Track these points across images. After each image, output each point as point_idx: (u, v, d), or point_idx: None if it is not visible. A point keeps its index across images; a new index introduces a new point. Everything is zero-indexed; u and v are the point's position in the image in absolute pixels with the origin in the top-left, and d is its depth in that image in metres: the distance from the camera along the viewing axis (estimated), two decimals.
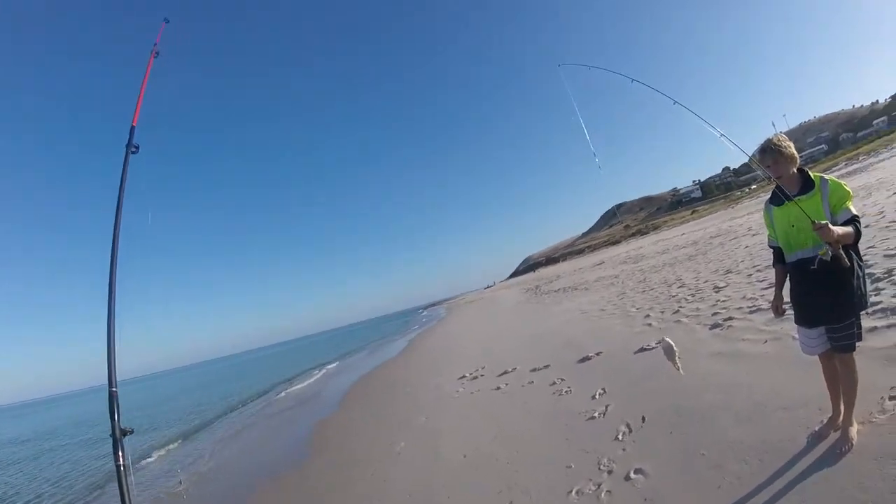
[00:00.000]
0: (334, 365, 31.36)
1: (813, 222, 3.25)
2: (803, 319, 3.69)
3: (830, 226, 3.21)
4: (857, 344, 3.52)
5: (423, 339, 29.93)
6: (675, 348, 4.62)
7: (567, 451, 5.33)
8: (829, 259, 3.29)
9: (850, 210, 3.39)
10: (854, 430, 3.60)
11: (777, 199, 3.71)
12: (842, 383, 3.68)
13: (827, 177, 3.52)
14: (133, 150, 3.20)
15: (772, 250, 3.98)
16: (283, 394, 21.66)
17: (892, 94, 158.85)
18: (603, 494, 4.17)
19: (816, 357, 3.80)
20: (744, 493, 3.51)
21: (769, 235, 3.95)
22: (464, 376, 11.40)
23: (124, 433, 2.49)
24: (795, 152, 3.59)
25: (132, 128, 3.24)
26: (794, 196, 3.48)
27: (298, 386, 23.21)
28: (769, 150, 3.58)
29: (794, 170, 3.60)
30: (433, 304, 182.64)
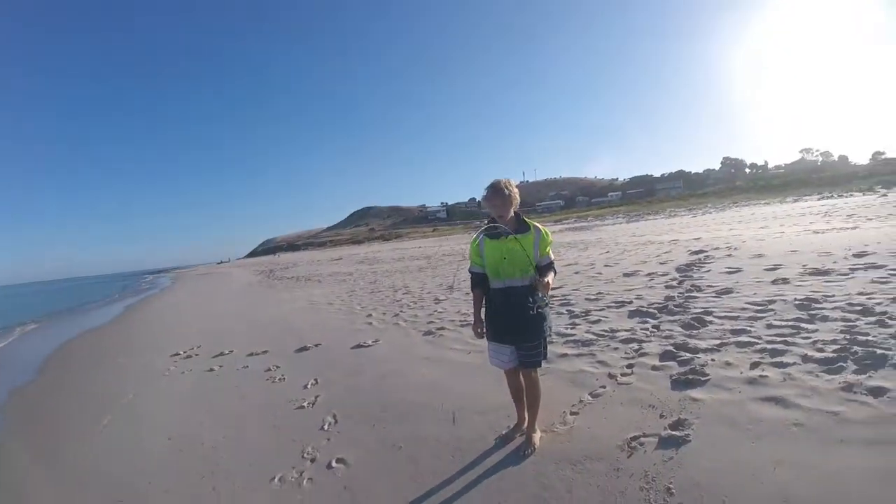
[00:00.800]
0: (35, 326, 27.67)
1: (540, 280, 3.87)
2: (498, 336, 4.22)
3: (548, 281, 3.93)
4: (543, 362, 4.29)
5: (141, 307, 27.62)
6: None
7: (274, 438, 5.48)
8: (545, 305, 3.96)
9: (550, 256, 4.09)
10: (537, 436, 4.32)
11: (492, 232, 4.08)
12: (527, 395, 4.36)
13: (539, 225, 4.08)
14: None
15: (472, 275, 4.42)
16: None
17: (630, 176, 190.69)
18: (305, 482, 4.38)
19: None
20: (436, 485, 3.98)
21: (473, 262, 4.35)
22: (177, 354, 10.87)
23: None
24: (518, 197, 4.09)
25: None
26: (511, 233, 3.94)
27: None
28: (499, 192, 3.97)
29: (513, 212, 4.09)
30: (160, 271, 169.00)
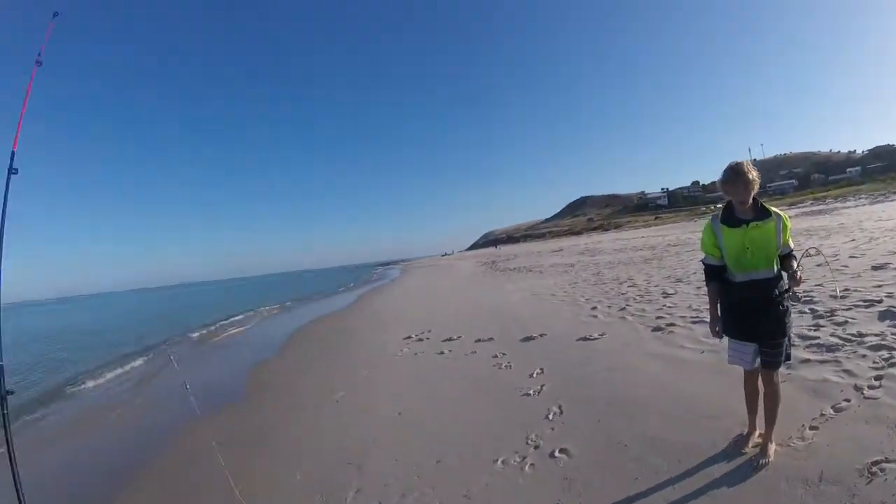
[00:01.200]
0: (283, 307, 31.26)
1: (794, 270, 3.60)
2: (742, 333, 3.85)
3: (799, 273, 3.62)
4: (785, 363, 3.86)
5: (374, 296, 29.94)
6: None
7: (500, 422, 5.51)
8: (798, 298, 3.60)
9: (791, 244, 3.75)
10: (772, 448, 3.80)
11: (730, 220, 3.78)
12: (766, 399, 3.88)
13: (778, 210, 3.75)
14: (14, 172, 3.04)
15: (707, 268, 4.05)
16: (226, 331, 21.41)
17: (871, 147, 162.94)
18: (527, 467, 4.33)
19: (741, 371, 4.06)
20: (658, 488, 3.69)
21: (708, 254, 3.99)
22: (409, 337, 11.55)
23: (9, 392, 2.79)
24: (758, 181, 3.73)
25: (13, 153, 3.06)
26: (750, 220, 3.66)
27: (243, 325, 23.00)
28: (741, 175, 3.65)
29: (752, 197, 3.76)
30: (389, 263, 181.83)
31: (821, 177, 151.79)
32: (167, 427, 7.79)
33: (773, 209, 3.74)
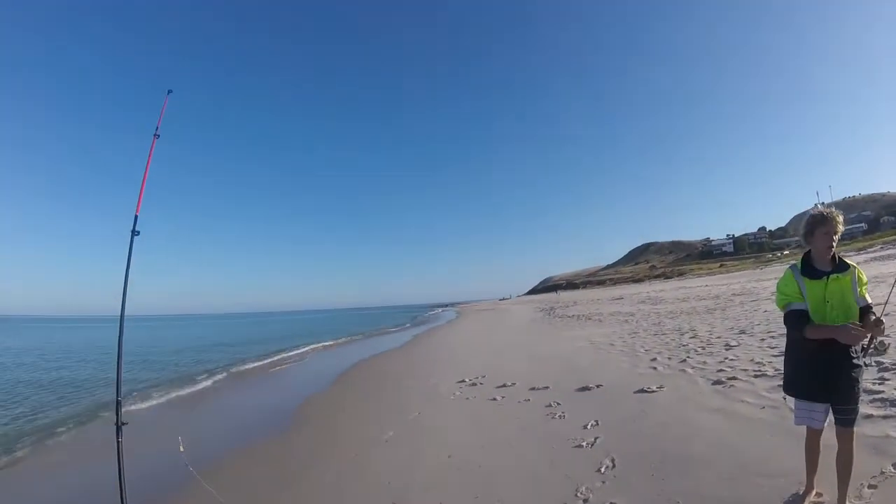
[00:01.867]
0: (338, 342, 31.63)
1: (879, 323, 3.39)
2: (814, 394, 3.63)
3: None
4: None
5: (428, 337, 30.07)
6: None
7: (549, 472, 5.40)
8: (883, 350, 3.60)
9: (867, 297, 3.55)
10: None
11: (811, 271, 3.60)
12: (840, 458, 3.66)
13: (852, 262, 3.60)
14: (136, 234, 3.39)
15: (793, 314, 3.66)
16: (284, 363, 21.78)
17: None
18: None
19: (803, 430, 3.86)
20: None
21: (791, 299, 3.67)
22: (463, 381, 11.50)
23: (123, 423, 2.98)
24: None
25: (136, 217, 3.39)
26: (830, 272, 3.51)
27: (301, 359, 23.37)
28: (831, 224, 3.53)
29: None
30: (445, 306, 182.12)
31: (891, 219, 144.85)
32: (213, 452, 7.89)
33: (849, 261, 3.61)
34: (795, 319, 3.64)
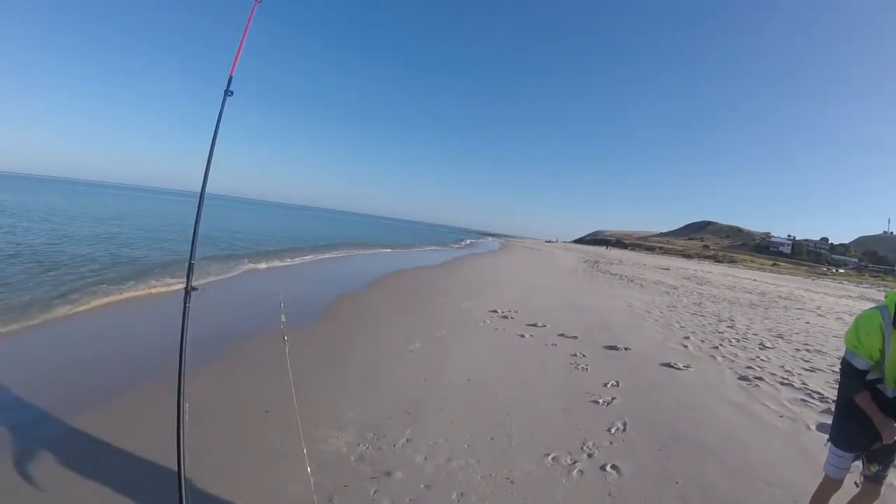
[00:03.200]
0: (386, 250, 32.21)
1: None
2: (859, 447, 3.21)
3: None
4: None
5: (470, 261, 30.29)
6: None
7: (561, 419, 5.50)
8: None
9: None
10: None
11: None
12: None
13: None
14: (229, 94, 3.36)
15: (849, 369, 3.18)
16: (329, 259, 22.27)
17: None
18: (575, 472, 4.31)
19: (822, 470, 3.44)
20: None
21: (860, 354, 3.10)
22: (495, 311, 11.63)
23: (193, 288, 3.04)
24: None
25: (230, 77, 3.38)
26: None
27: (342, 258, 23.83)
28: None
29: None
30: (492, 235, 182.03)
31: None
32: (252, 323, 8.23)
33: None
34: (853, 379, 3.16)
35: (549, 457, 4.55)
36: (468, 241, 74.59)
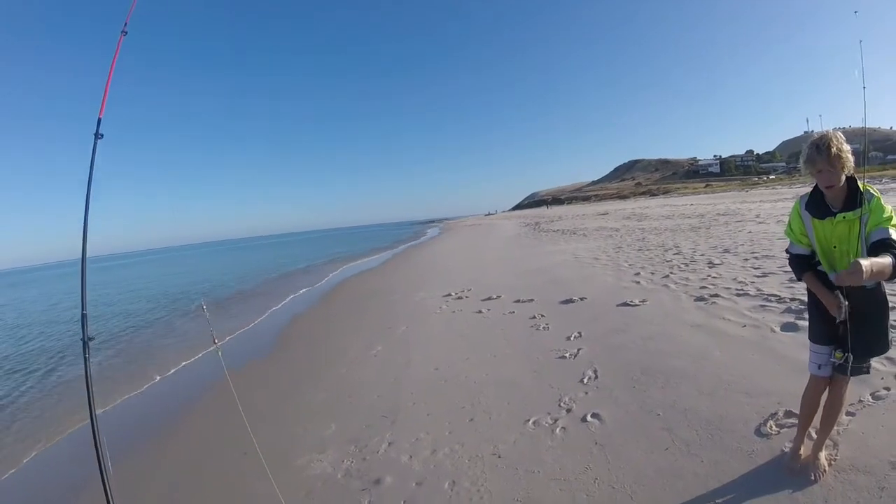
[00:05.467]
0: (323, 263, 31.88)
1: (838, 275, 2.71)
2: (829, 337, 3.18)
3: (864, 267, 2.45)
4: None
5: (414, 253, 30.27)
6: None
7: (534, 383, 5.54)
8: (843, 319, 2.97)
9: (888, 231, 2.80)
10: (824, 457, 3.38)
11: (816, 208, 3.10)
12: (830, 407, 3.36)
13: (874, 191, 2.97)
14: (99, 137, 3.21)
15: (792, 258, 3.34)
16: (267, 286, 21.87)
17: None
18: (558, 430, 4.35)
19: (805, 368, 3.42)
20: (687, 460, 3.65)
21: (793, 240, 3.31)
22: (449, 294, 11.64)
23: (90, 339, 2.94)
24: (851, 159, 2.96)
25: (99, 119, 3.22)
26: (838, 211, 2.99)
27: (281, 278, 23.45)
28: (825, 152, 2.89)
29: (844, 178, 2.99)
30: (431, 222, 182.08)
31: (879, 155, 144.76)
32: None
33: (867, 187, 2.97)
34: (794, 265, 3.34)
35: (530, 422, 4.58)
36: (410, 234, 74.40)
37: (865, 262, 2.46)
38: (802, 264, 3.27)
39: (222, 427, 5.75)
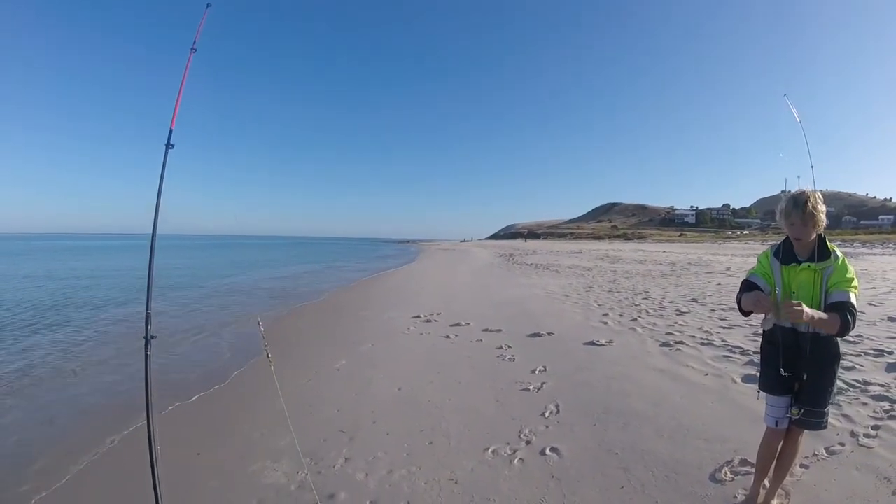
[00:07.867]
0: (299, 272, 31.62)
1: (785, 302, 2.97)
2: (782, 387, 3.30)
3: (805, 309, 2.80)
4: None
5: (388, 273, 30.16)
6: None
7: (496, 412, 5.55)
8: (767, 329, 3.24)
9: (848, 294, 3.01)
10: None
11: (784, 255, 3.27)
12: (784, 456, 3.44)
13: (840, 254, 3.15)
14: (170, 147, 3.38)
15: (746, 283, 3.42)
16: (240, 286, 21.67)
17: None
18: (516, 461, 4.35)
19: (762, 420, 3.48)
20: (642, 500, 3.68)
21: (756, 272, 3.41)
22: (418, 316, 11.63)
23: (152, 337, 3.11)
24: (824, 218, 3.16)
25: (170, 131, 3.39)
26: (804, 261, 3.15)
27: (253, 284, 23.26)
28: (801, 207, 3.08)
29: (815, 235, 3.17)
30: (407, 242, 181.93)
31: (852, 219, 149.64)
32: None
33: (836, 251, 3.15)
34: (743, 287, 3.43)
35: (489, 450, 4.57)
36: (386, 252, 74.27)
37: (809, 310, 2.79)
38: (751, 287, 3.36)
39: (177, 427, 5.66)
